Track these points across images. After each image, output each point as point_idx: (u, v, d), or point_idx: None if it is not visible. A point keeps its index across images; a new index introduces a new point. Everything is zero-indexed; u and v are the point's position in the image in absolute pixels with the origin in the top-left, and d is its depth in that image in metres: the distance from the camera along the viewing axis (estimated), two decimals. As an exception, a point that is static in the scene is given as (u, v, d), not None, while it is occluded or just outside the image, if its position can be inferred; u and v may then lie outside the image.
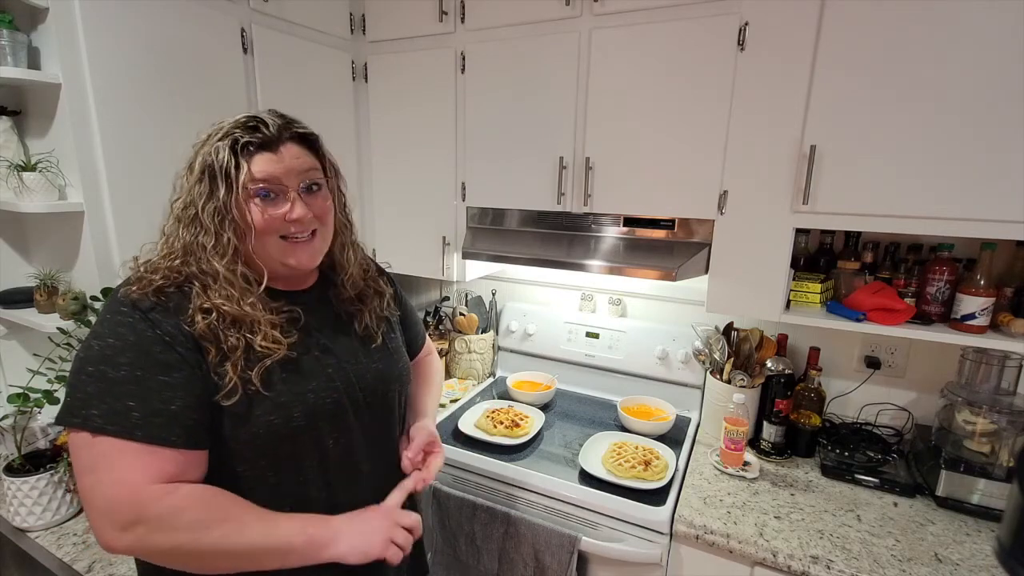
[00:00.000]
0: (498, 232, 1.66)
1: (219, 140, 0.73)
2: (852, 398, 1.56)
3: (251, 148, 0.74)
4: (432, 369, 1.14)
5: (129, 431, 0.64)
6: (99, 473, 0.65)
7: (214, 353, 0.70)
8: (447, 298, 2.21)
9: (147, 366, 0.66)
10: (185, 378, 0.68)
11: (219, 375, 0.70)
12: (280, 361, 0.75)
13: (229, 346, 0.71)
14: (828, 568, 1.07)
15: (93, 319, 1.12)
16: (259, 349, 0.72)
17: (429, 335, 1.94)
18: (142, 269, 0.74)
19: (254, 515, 0.69)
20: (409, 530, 0.80)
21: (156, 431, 0.65)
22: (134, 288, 0.70)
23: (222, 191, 0.72)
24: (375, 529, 0.76)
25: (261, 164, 0.74)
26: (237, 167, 0.72)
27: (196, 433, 0.69)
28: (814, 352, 1.52)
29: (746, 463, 1.41)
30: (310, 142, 0.81)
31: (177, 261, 0.73)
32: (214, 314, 0.71)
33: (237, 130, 0.74)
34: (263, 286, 0.76)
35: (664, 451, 1.44)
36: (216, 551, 0.66)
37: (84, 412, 0.65)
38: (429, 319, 2.01)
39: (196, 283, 0.72)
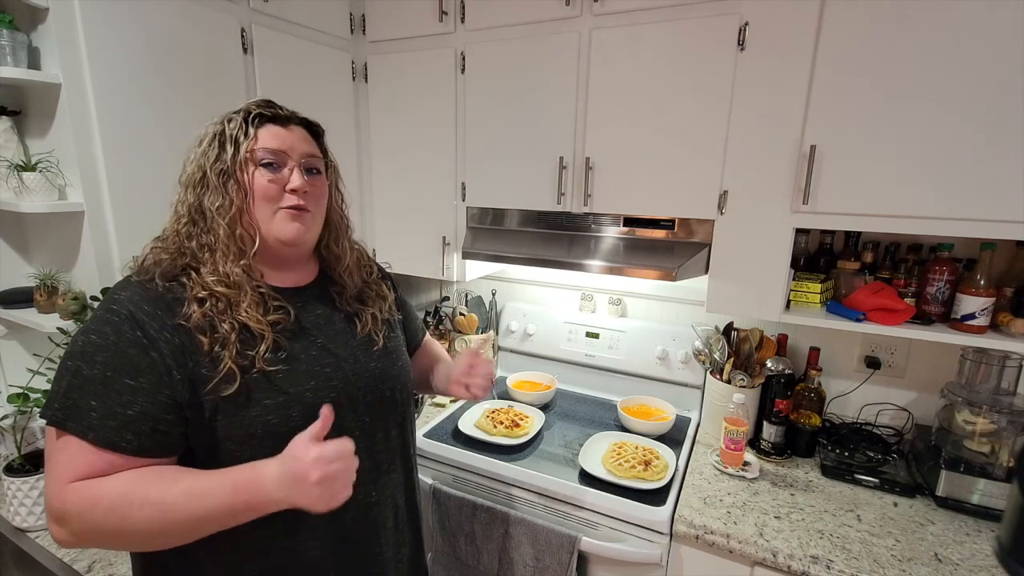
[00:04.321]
0: (498, 232, 1.66)
1: (233, 113, 0.79)
2: (852, 398, 1.56)
3: (261, 119, 0.79)
4: (429, 342, 1.19)
5: (83, 431, 0.65)
6: (49, 466, 0.67)
7: (208, 343, 0.71)
8: (447, 298, 2.21)
9: (118, 368, 0.67)
10: (152, 384, 0.68)
11: (216, 362, 0.71)
12: (278, 357, 0.76)
13: (224, 332, 0.72)
14: (828, 568, 1.07)
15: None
16: (243, 318, 0.73)
17: (429, 335, 1.95)
18: (151, 244, 0.77)
19: (180, 489, 0.65)
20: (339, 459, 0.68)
21: (107, 434, 0.65)
22: (149, 259, 0.74)
23: (229, 153, 0.76)
24: (306, 488, 0.65)
25: (269, 133, 0.79)
26: (246, 134, 0.77)
27: (153, 440, 0.68)
28: (814, 352, 1.52)
29: (746, 463, 1.41)
30: (316, 133, 0.87)
31: (184, 228, 0.76)
32: (208, 303, 0.72)
33: (252, 106, 0.80)
34: (255, 247, 0.78)
35: (664, 451, 1.44)
36: (153, 531, 0.65)
37: (54, 405, 0.67)
38: (429, 319, 2.01)
39: (192, 270, 0.74)
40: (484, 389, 1.00)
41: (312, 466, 0.65)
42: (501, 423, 1.55)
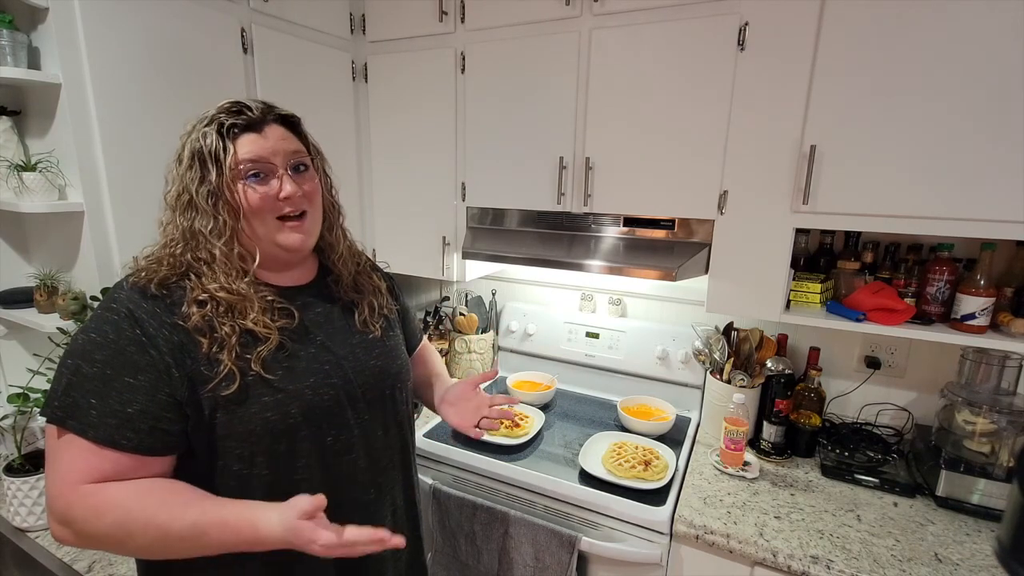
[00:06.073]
0: (498, 232, 1.66)
1: (205, 126, 0.75)
2: (852, 398, 1.56)
3: (236, 130, 0.76)
4: (430, 349, 1.20)
5: (84, 429, 0.65)
6: (51, 465, 0.67)
7: (207, 345, 0.71)
8: (447, 298, 2.21)
9: (117, 366, 0.67)
10: (150, 382, 0.68)
11: (215, 362, 0.71)
12: (278, 356, 0.76)
13: (224, 334, 0.72)
14: (828, 568, 1.07)
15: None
16: (250, 326, 0.73)
17: (429, 335, 1.96)
18: (144, 262, 0.75)
19: (186, 521, 0.65)
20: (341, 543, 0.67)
21: (107, 432, 0.65)
22: (143, 275, 0.73)
23: (213, 174, 0.73)
24: (306, 549, 0.66)
25: (248, 144, 0.76)
26: (225, 149, 0.74)
27: (152, 438, 0.68)
28: (814, 352, 1.52)
29: (746, 463, 1.41)
30: (292, 124, 0.83)
31: (178, 249, 0.75)
32: (208, 305, 0.72)
33: (222, 115, 0.76)
34: (256, 264, 0.77)
35: (664, 451, 1.44)
36: (153, 551, 0.67)
37: (54, 403, 0.67)
38: (429, 319, 2.01)
39: (192, 274, 0.74)
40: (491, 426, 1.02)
41: (318, 550, 0.65)
42: (501, 423, 1.55)
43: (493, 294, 2.06)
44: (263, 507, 0.67)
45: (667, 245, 1.42)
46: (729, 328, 1.64)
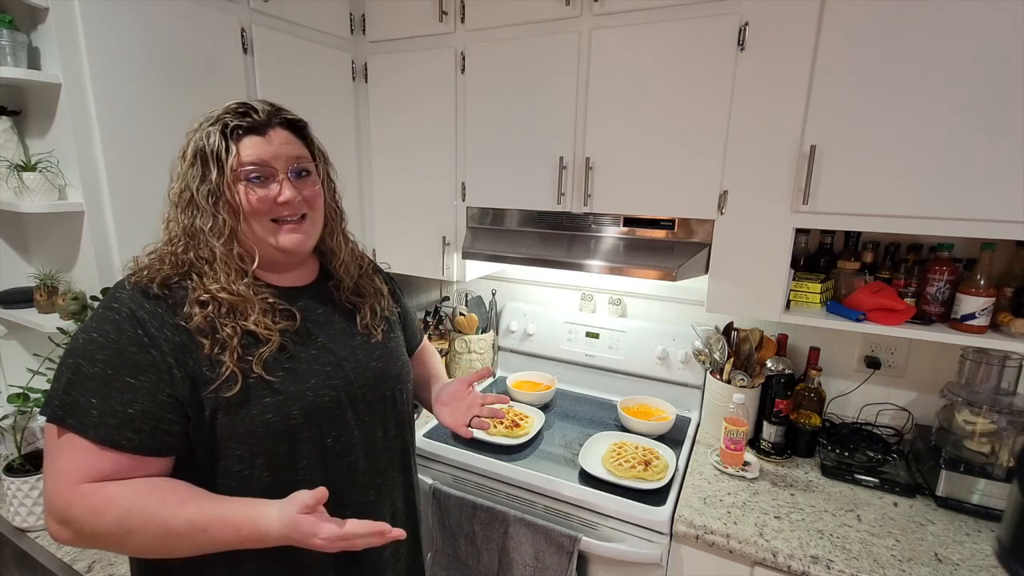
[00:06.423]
0: (498, 232, 1.66)
1: (210, 125, 0.75)
2: (852, 398, 1.56)
3: (240, 132, 0.76)
4: (429, 350, 1.20)
5: (84, 428, 0.65)
6: (50, 464, 0.67)
7: (209, 345, 0.71)
8: (447, 298, 2.21)
9: (118, 366, 0.67)
10: (152, 382, 0.68)
11: (216, 364, 0.71)
12: (279, 358, 0.76)
13: (225, 335, 0.71)
14: (828, 568, 1.07)
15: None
16: (252, 328, 0.73)
17: (429, 335, 1.95)
18: (146, 259, 0.76)
19: (184, 518, 0.65)
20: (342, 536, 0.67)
21: (107, 432, 0.66)
22: (144, 274, 0.72)
23: (214, 174, 0.73)
24: (307, 544, 0.67)
25: (250, 147, 0.75)
26: (227, 150, 0.74)
27: (153, 438, 0.68)
28: (814, 352, 1.52)
29: (746, 463, 1.41)
30: (298, 129, 0.83)
31: (180, 247, 0.75)
32: (210, 306, 0.72)
33: (227, 115, 0.76)
34: (255, 264, 0.77)
35: (664, 451, 1.44)
36: (153, 549, 0.67)
37: (54, 402, 0.67)
38: (429, 319, 2.01)
39: (194, 274, 0.74)
40: (483, 425, 0.99)
41: (319, 543, 0.66)
42: (501, 423, 1.55)
43: (493, 294, 2.06)
44: (262, 503, 0.67)
45: (667, 245, 1.42)
46: (729, 328, 1.64)
